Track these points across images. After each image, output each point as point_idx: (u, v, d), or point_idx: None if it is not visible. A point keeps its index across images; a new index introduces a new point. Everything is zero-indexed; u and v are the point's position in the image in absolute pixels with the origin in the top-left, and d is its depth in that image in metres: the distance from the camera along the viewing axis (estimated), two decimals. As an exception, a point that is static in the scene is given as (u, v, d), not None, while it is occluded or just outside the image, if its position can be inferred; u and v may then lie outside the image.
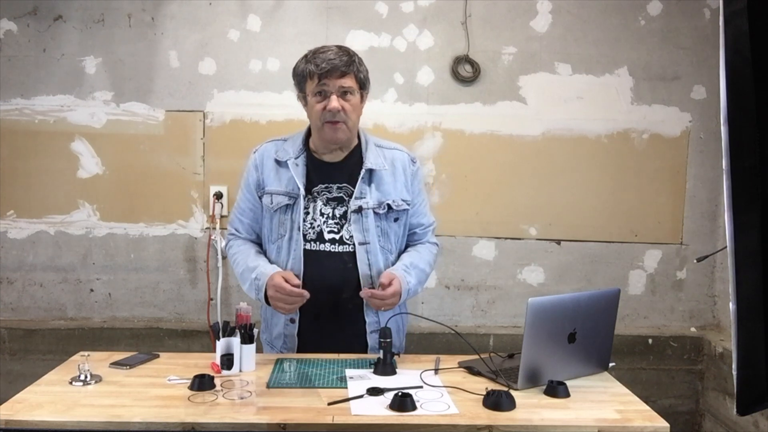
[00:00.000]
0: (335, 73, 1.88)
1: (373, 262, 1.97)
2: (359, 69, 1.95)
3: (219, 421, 1.46)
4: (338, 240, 1.96)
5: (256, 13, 2.94)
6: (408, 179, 2.05)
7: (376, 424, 1.47)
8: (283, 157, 2.00)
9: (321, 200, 1.97)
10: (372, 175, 2.00)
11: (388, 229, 2.01)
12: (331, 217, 1.97)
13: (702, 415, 3.07)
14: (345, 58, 1.90)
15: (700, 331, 3.11)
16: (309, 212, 1.97)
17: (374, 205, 1.97)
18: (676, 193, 3.06)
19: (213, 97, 2.97)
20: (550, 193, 3.04)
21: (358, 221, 1.96)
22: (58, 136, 2.96)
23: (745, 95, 0.95)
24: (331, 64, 1.88)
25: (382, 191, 2.00)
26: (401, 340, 2.11)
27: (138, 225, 3.01)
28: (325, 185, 1.99)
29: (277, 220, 2.00)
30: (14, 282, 3.02)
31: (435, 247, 2.14)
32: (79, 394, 1.61)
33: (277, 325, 2.02)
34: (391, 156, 2.04)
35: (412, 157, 2.10)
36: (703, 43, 3.00)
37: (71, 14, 2.92)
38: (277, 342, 2.03)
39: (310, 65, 1.90)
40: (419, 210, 2.09)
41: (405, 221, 2.06)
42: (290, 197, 1.98)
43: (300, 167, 1.98)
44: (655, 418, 1.53)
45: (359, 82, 1.95)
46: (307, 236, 1.96)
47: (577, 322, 1.73)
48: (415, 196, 2.07)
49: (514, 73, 3.00)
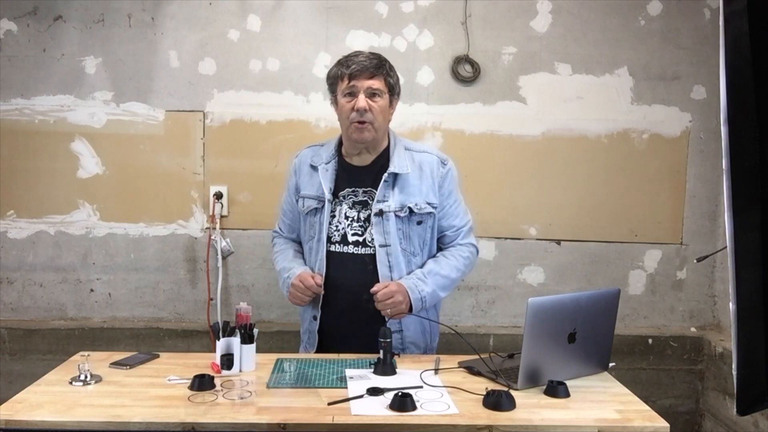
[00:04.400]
0: (365, 74, 1.96)
1: (394, 264, 2.01)
2: (389, 73, 2.02)
3: (219, 421, 1.46)
4: (361, 242, 2.02)
5: (256, 13, 2.94)
6: (435, 182, 2.06)
7: (376, 424, 1.47)
8: (317, 162, 2.09)
9: (347, 204, 2.04)
10: (396, 179, 2.03)
11: (411, 232, 2.04)
12: (355, 220, 2.03)
13: (702, 415, 3.07)
14: (375, 62, 1.99)
15: (700, 331, 3.11)
16: (335, 215, 2.04)
17: (396, 209, 2.01)
18: (676, 193, 3.06)
19: (213, 97, 2.97)
20: (550, 193, 3.04)
21: (379, 224, 2.00)
22: (58, 136, 2.95)
23: (745, 95, 0.95)
24: (361, 65, 1.97)
25: (406, 194, 2.03)
26: (429, 342, 2.14)
27: (138, 225, 3.01)
28: (352, 189, 2.05)
29: (308, 223, 2.10)
30: (14, 282, 3.02)
31: (467, 249, 2.13)
32: (79, 394, 1.61)
33: (305, 321, 2.14)
34: (419, 159, 2.07)
35: (443, 159, 2.12)
36: (703, 43, 3.00)
37: (71, 14, 2.92)
38: (305, 336, 2.15)
39: (342, 67, 2.00)
40: (450, 212, 2.10)
41: (432, 224, 2.08)
42: (319, 201, 2.06)
43: (329, 172, 2.06)
44: (655, 418, 1.53)
45: (389, 86, 2.02)
46: (332, 239, 2.04)
47: (577, 322, 1.73)
48: (444, 198, 2.08)
49: (514, 73, 3.00)
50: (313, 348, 2.09)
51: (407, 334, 2.06)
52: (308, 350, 2.12)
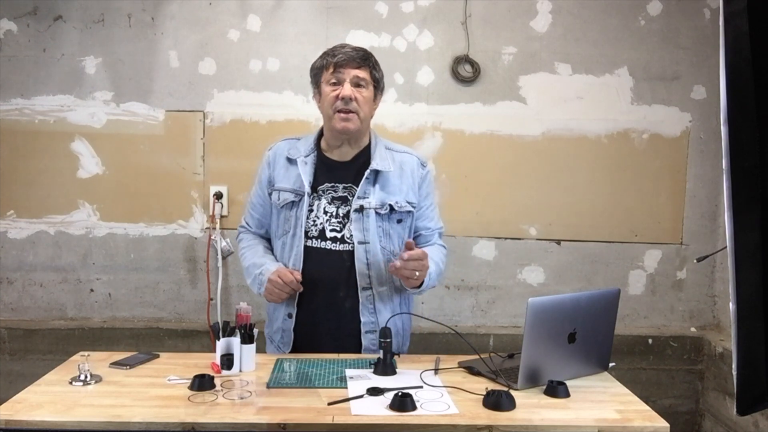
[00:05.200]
0: (351, 64, 1.95)
1: (372, 262, 1.98)
2: (375, 67, 2.02)
3: (219, 421, 1.46)
4: (339, 239, 1.98)
5: (256, 13, 2.94)
6: (416, 182, 2.06)
7: (376, 424, 1.47)
8: (294, 155, 2.04)
9: (326, 198, 2.00)
10: (378, 176, 2.02)
11: (391, 230, 2.02)
12: (334, 215, 1.99)
13: (702, 415, 3.07)
14: (362, 53, 1.99)
15: (700, 331, 3.11)
16: (313, 210, 2.00)
17: (376, 206, 1.99)
18: (676, 193, 3.06)
19: (213, 97, 2.97)
20: (550, 193, 3.04)
21: (359, 220, 1.98)
22: (58, 136, 2.96)
23: (745, 95, 0.95)
24: (348, 55, 1.96)
25: (387, 192, 2.01)
26: (401, 343, 2.10)
27: (138, 225, 3.01)
28: (332, 184, 2.02)
29: (283, 217, 2.04)
30: (14, 282, 3.02)
31: (444, 249, 2.15)
32: (79, 394, 1.61)
33: (277, 319, 2.06)
34: (400, 159, 2.07)
35: (423, 161, 2.12)
36: (703, 43, 3.00)
37: (71, 14, 2.92)
38: (276, 336, 2.06)
39: (328, 56, 1.98)
40: (426, 213, 2.11)
41: (410, 224, 2.07)
42: (296, 194, 2.01)
43: (308, 165, 2.02)
44: (655, 418, 1.53)
45: (374, 79, 2.01)
46: (310, 233, 1.99)
47: (577, 322, 1.73)
48: (422, 199, 2.08)
49: (514, 73, 3.00)
50: (288, 348, 2.02)
51: None
52: (282, 350, 2.04)
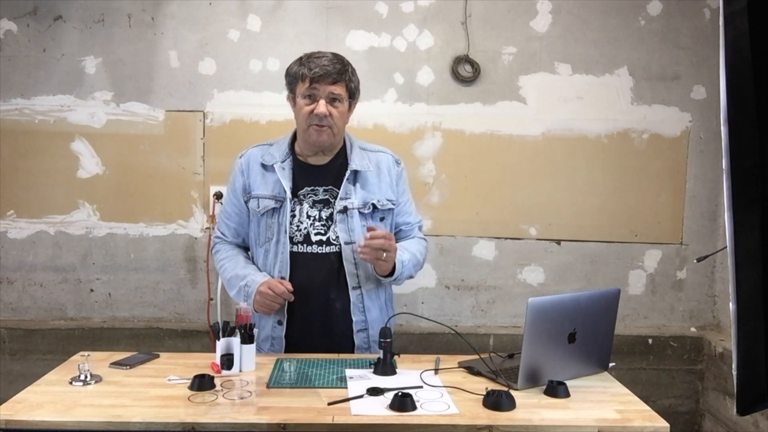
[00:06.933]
0: (327, 79, 1.93)
1: (360, 261, 1.99)
2: (351, 78, 1.99)
3: (219, 421, 1.46)
4: (325, 241, 2.00)
5: (256, 13, 2.94)
6: (393, 180, 2.09)
7: (376, 424, 1.47)
8: (270, 161, 2.04)
9: (307, 203, 2.01)
10: (357, 176, 2.04)
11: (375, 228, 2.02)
12: (317, 219, 2.00)
13: (702, 415, 3.07)
14: (338, 66, 1.95)
15: (700, 331, 3.11)
16: (295, 215, 2.00)
17: (359, 205, 2.01)
18: (676, 193, 3.06)
19: (213, 97, 2.97)
20: (550, 193, 3.04)
21: (343, 221, 1.99)
22: (58, 136, 2.95)
23: (745, 95, 0.95)
24: (324, 69, 1.92)
25: (368, 191, 2.03)
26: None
27: (138, 225, 3.01)
28: (312, 188, 2.02)
29: (264, 224, 2.03)
30: (14, 282, 3.02)
31: (424, 241, 2.18)
32: (79, 394, 1.61)
33: (264, 327, 2.04)
34: (375, 158, 2.09)
35: (397, 158, 2.14)
36: (703, 43, 3.00)
37: (71, 14, 2.92)
38: (264, 345, 2.04)
39: (304, 68, 1.95)
40: (404, 209, 2.14)
41: (391, 221, 2.10)
42: (277, 200, 2.01)
43: (286, 171, 2.02)
44: (655, 418, 1.53)
45: (349, 91, 1.99)
46: (294, 239, 1.99)
47: (577, 322, 1.73)
48: (399, 196, 2.11)
49: (514, 73, 3.00)
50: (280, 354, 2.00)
51: (372, 333, 2.03)
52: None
